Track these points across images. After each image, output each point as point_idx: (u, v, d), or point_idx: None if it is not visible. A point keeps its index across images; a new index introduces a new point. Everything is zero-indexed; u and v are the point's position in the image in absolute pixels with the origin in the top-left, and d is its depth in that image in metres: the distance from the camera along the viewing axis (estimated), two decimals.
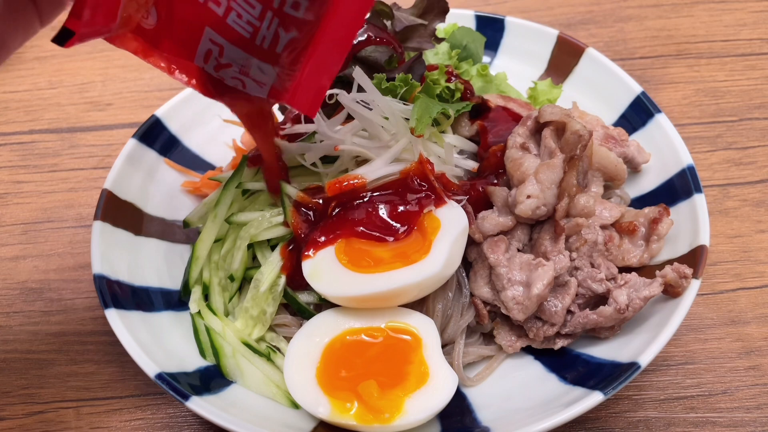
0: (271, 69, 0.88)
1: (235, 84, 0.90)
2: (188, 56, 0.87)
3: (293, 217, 1.03)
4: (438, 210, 0.99)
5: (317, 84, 0.84)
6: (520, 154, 1.04)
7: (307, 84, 0.85)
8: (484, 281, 1.01)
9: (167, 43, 0.84)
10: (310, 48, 0.84)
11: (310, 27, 0.83)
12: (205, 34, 0.85)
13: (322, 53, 0.83)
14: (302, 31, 0.84)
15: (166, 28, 0.83)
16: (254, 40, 0.85)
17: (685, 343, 1.11)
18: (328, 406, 0.90)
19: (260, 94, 0.91)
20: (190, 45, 0.86)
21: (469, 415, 0.96)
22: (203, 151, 1.29)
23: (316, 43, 0.83)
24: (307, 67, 0.84)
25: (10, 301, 1.21)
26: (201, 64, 0.88)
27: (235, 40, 0.85)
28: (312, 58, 0.84)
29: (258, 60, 0.87)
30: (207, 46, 0.86)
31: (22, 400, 1.08)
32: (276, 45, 0.85)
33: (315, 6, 0.81)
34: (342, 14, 0.80)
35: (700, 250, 1.00)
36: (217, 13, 0.83)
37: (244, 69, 0.88)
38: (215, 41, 0.85)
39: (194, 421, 1.05)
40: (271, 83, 0.89)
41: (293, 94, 0.87)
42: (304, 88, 0.85)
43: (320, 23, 0.82)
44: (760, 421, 1.02)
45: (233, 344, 1.01)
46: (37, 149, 1.45)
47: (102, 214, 1.09)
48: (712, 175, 1.33)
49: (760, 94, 1.47)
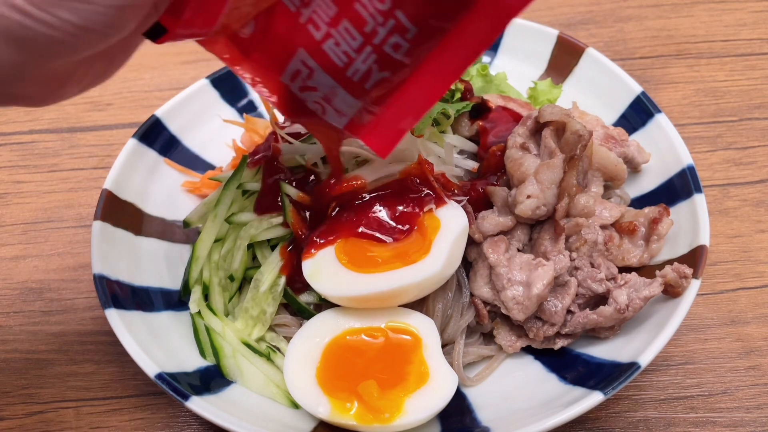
0: (355, 102, 0.86)
1: (315, 108, 0.88)
2: (277, 71, 0.85)
3: (293, 217, 1.03)
4: (438, 210, 0.99)
5: (396, 127, 0.83)
6: (520, 154, 1.04)
7: (386, 125, 0.84)
8: (484, 281, 1.01)
9: (258, 55, 0.83)
10: (398, 91, 0.82)
11: (405, 71, 0.80)
12: (297, 54, 0.83)
13: (408, 98, 0.81)
14: (396, 73, 0.81)
15: (261, 41, 0.82)
16: (346, 70, 0.82)
17: (685, 343, 1.11)
18: (328, 406, 0.90)
19: (338, 124, 0.89)
20: (280, 61, 0.84)
21: (469, 415, 0.96)
22: (203, 151, 1.29)
23: (405, 88, 0.81)
24: (391, 109, 0.83)
25: (10, 301, 1.21)
26: (287, 81, 0.86)
27: (326, 67, 0.83)
28: (398, 100, 0.82)
29: (344, 91, 0.85)
30: (297, 66, 0.84)
31: (22, 400, 1.08)
32: (366, 81, 0.83)
33: (415, 52, 0.79)
34: (439, 67, 0.78)
35: (700, 250, 1.00)
36: (315, 36, 0.81)
37: (328, 96, 0.86)
38: (307, 63, 0.83)
39: (194, 421, 1.05)
40: (351, 116, 0.88)
41: (370, 131, 0.86)
42: (383, 129, 0.84)
43: (415, 69, 0.80)
44: (760, 421, 1.02)
45: (233, 344, 1.01)
46: (37, 149, 1.45)
47: (102, 214, 1.09)
48: (712, 175, 1.33)
49: (760, 94, 1.47)
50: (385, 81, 0.82)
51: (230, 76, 1.34)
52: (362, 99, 0.85)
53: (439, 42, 0.77)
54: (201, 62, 1.56)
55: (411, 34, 0.77)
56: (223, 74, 1.33)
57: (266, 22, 0.81)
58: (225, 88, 1.33)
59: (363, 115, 0.86)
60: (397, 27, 0.77)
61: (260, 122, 1.28)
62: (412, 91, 0.81)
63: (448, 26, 0.76)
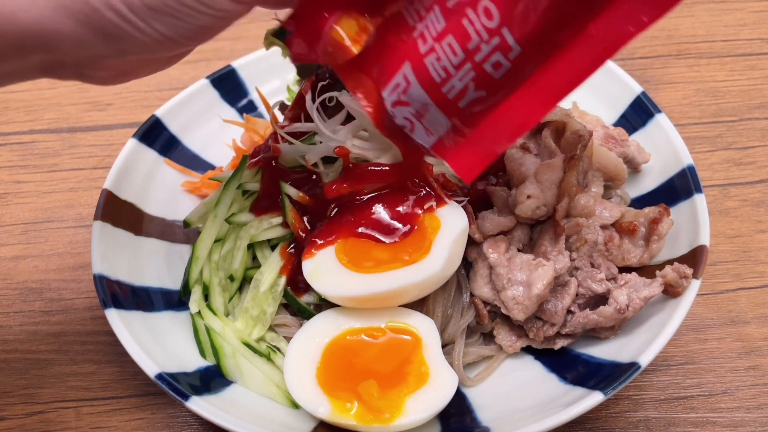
0: (446, 121, 0.84)
1: (403, 124, 0.87)
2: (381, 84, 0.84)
3: (293, 217, 1.03)
4: (438, 210, 0.99)
5: (484, 150, 0.81)
6: (520, 154, 1.04)
7: (474, 147, 0.82)
8: (484, 281, 1.01)
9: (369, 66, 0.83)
10: (492, 112, 0.79)
11: (501, 92, 0.78)
12: (403, 67, 0.82)
13: (500, 122, 0.79)
14: (491, 94, 0.78)
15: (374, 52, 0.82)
16: (441, 86, 0.80)
17: (685, 343, 1.11)
18: (328, 406, 0.90)
19: (425, 143, 0.88)
20: (387, 74, 0.83)
21: (469, 415, 0.96)
22: (203, 151, 1.29)
23: (500, 109, 0.78)
24: (482, 130, 0.81)
25: (10, 301, 1.21)
26: (386, 95, 0.85)
27: (423, 81, 0.81)
28: (490, 122, 0.80)
29: (436, 108, 0.83)
30: (398, 80, 0.83)
31: (22, 400, 1.08)
32: (461, 99, 0.80)
33: (515, 73, 0.76)
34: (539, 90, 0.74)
35: (700, 250, 1.00)
36: (420, 50, 0.79)
37: (420, 113, 0.85)
38: (407, 77, 0.82)
39: (194, 421, 1.05)
40: (439, 135, 0.86)
41: (456, 152, 0.84)
42: (470, 151, 0.82)
43: (512, 92, 0.77)
44: (760, 421, 1.02)
45: (233, 344, 1.01)
46: (37, 149, 1.45)
47: (102, 214, 1.09)
48: (712, 175, 1.33)
49: (760, 94, 1.47)
50: (479, 101, 0.80)
51: (230, 76, 1.34)
52: (453, 118, 0.83)
53: (541, 65, 0.74)
54: (201, 62, 1.56)
55: (514, 54, 0.74)
56: (223, 74, 1.33)
57: (384, 34, 0.81)
58: (225, 88, 1.33)
59: (451, 136, 0.84)
60: (501, 45, 0.74)
61: (260, 122, 1.28)
62: (507, 114, 0.78)
63: (553, 50, 0.72)
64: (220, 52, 1.58)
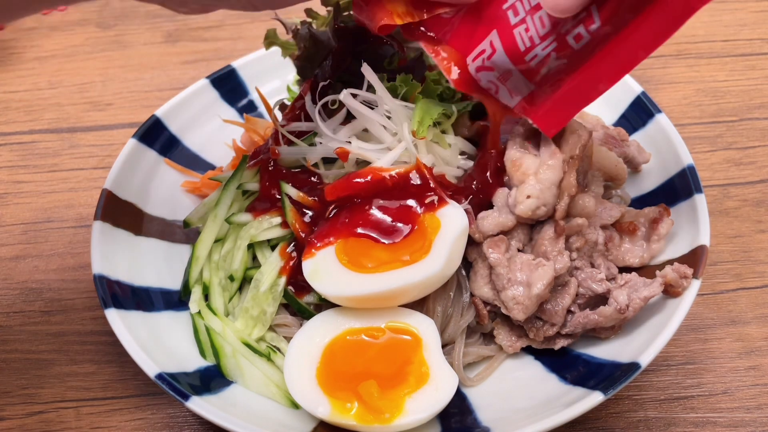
0: (528, 85, 0.92)
1: (489, 87, 0.95)
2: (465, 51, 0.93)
3: (293, 218, 1.03)
4: (438, 210, 0.99)
5: (565, 111, 0.91)
6: (520, 154, 1.04)
7: (555, 108, 0.91)
8: (484, 281, 1.01)
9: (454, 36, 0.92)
10: (570, 78, 0.88)
11: (579, 61, 0.86)
12: (490, 36, 0.90)
13: (578, 86, 0.87)
14: (570, 62, 0.87)
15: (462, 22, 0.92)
16: (525, 54, 0.89)
17: (685, 343, 1.11)
18: (328, 406, 0.90)
19: (509, 103, 0.96)
20: (474, 41, 0.92)
21: (469, 415, 0.96)
22: (203, 151, 1.29)
23: (577, 76, 0.87)
24: (562, 92, 0.89)
25: (10, 301, 1.21)
26: (469, 61, 0.93)
27: (508, 49, 0.89)
28: (569, 87, 0.88)
29: (520, 73, 0.91)
30: (484, 47, 0.91)
31: (22, 400, 1.08)
32: (542, 66, 0.89)
33: (593, 44, 0.84)
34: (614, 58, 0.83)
35: (700, 250, 1.00)
36: (510, 21, 0.88)
37: (503, 77, 0.93)
38: (494, 44, 0.90)
39: (194, 421, 1.05)
40: (522, 97, 0.94)
41: (541, 113, 0.93)
42: (553, 112, 0.92)
43: (588, 60, 0.85)
44: (760, 421, 1.02)
45: (233, 344, 1.01)
46: (37, 149, 1.45)
47: (102, 214, 1.09)
48: (712, 175, 1.33)
49: (760, 94, 1.47)
50: (559, 68, 0.88)
51: (230, 76, 1.34)
52: (534, 83, 0.91)
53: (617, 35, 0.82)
54: (201, 62, 1.56)
55: (594, 27, 0.83)
56: (223, 74, 1.33)
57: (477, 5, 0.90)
58: (225, 88, 1.33)
59: (534, 98, 0.93)
60: (585, 18, 0.83)
61: (260, 122, 1.28)
62: (585, 78, 0.87)
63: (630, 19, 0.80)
64: (220, 52, 1.58)
